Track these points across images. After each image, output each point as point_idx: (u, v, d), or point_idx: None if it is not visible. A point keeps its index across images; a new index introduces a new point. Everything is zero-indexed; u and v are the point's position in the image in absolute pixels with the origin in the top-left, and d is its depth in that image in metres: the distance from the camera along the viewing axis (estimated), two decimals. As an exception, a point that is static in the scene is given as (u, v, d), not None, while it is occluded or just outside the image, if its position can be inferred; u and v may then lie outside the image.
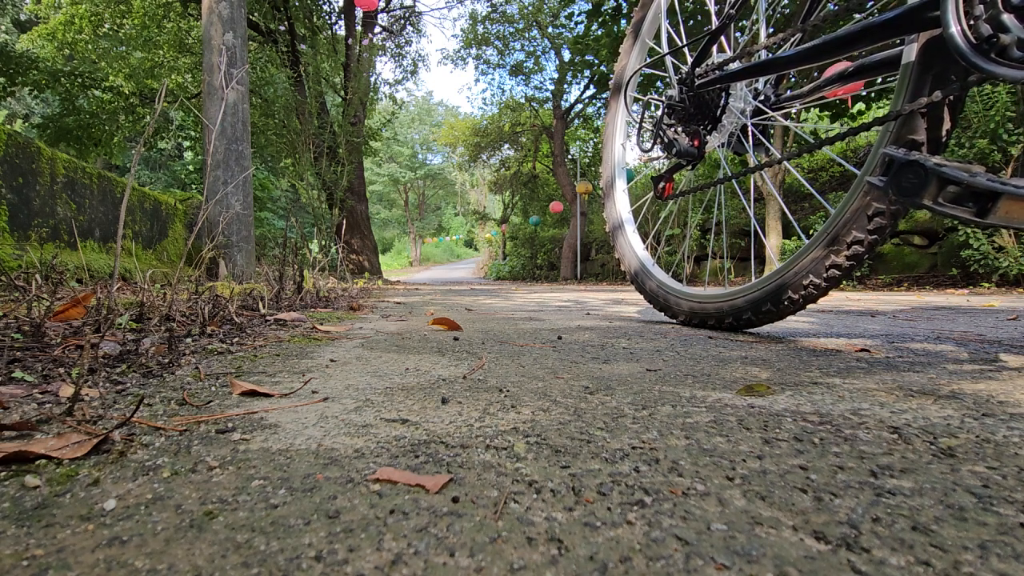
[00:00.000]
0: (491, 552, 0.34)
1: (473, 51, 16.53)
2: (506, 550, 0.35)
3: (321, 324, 1.71)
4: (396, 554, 0.34)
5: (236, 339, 1.30)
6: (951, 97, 1.02)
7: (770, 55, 1.40)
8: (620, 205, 2.18)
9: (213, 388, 0.79)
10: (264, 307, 1.92)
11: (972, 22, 0.81)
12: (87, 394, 0.71)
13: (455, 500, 0.42)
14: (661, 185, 1.83)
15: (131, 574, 0.31)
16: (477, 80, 38.58)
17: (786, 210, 1.90)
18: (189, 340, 1.22)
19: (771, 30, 1.58)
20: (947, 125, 1.08)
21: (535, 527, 0.38)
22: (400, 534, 0.36)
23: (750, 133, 1.58)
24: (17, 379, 0.77)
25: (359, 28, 11.88)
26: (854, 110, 7.26)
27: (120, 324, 1.21)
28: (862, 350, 1.20)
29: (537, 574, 0.32)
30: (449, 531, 0.37)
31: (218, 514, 0.39)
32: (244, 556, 0.34)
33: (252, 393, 0.76)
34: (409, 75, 15.05)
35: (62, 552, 0.34)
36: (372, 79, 12.09)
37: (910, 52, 1.08)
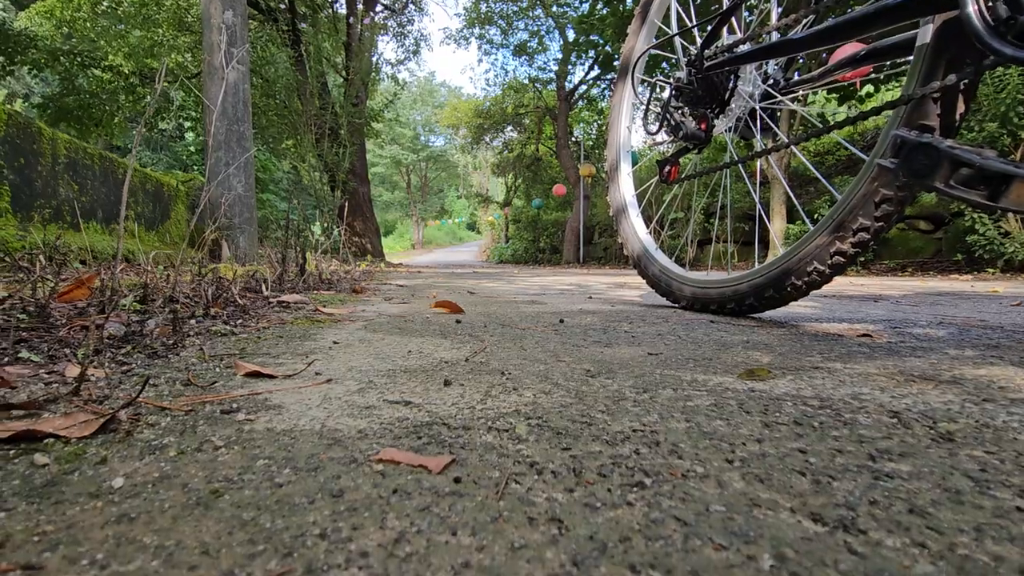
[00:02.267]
0: (492, 531, 0.35)
1: (476, 30, 16.28)
2: (507, 529, 0.35)
3: (324, 306, 1.72)
4: (399, 532, 0.34)
5: (240, 321, 1.31)
6: (965, 81, 1.00)
7: (781, 37, 1.38)
8: (624, 188, 2.17)
9: (217, 369, 0.80)
10: (267, 289, 1.92)
11: (990, 3, 0.79)
12: (93, 374, 0.72)
13: (457, 480, 0.42)
14: (667, 169, 1.81)
15: (140, 550, 0.32)
16: (480, 60, 38.09)
17: (791, 194, 1.89)
18: (193, 322, 1.22)
19: (781, 11, 1.54)
20: (960, 110, 1.06)
21: (536, 507, 0.38)
22: (403, 513, 0.37)
23: (758, 117, 1.56)
24: (24, 359, 0.77)
25: (360, 7, 11.69)
26: (862, 92, 7.16)
27: (124, 305, 1.21)
28: (864, 335, 1.20)
29: (538, 553, 0.32)
30: (451, 511, 0.38)
31: (224, 492, 0.40)
32: (250, 533, 0.34)
33: (256, 374, 0.76)
34: (411, 55, 14.84)
35: (72, 528, 0.34)
36: (374, 59, 11.94)
37: (925, 34, 1.06)
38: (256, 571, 0.30)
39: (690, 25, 1.68)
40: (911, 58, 1.10)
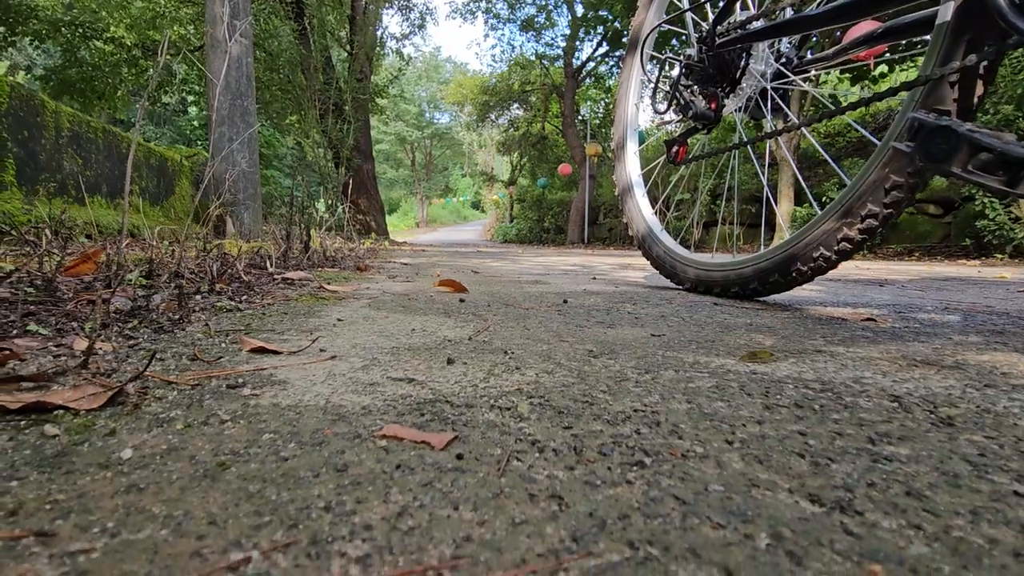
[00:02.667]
0: (494, 507, 0.35)
1: (482, 4, 15.93)
2: (508, 505, 0.36)
3: (328, 283, 1.72)
4: (402, 506, 0.35)
5: (244, 297, 1.31)
6: (986, 62, 0.97)
7: (795, 14, 1.34)
8: (631, 168, 2.14)
9: (223, 344, 0.81)
10: (272, 266, 1.93)
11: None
12: (101, 348, 0.73)
13: (459, 457, 0.43)
14: (674, 149, 1.79)
15: (149, 519, 0.33)
16: (486, 35, 37.44)
17: (799, 176, 1.86)
18: (198, 297, 1.23)
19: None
20: (979, 92, 1.03)
21: (537, 484, 0.39)
22: (406, 488, 0.38)
23: (769, 97, 1.53)
24: (32, 332, 0.78)
25: (365, -22, 11.42)
26: (876, 72, 7.00)
27: (130, 280, 1.22)
28: (868, 319, 1.20)
29: (538, 528, 0.33)
30: (453, 486, 0.38)
31: (230, 465, 0.41)
32: (256, 505, 0.35)
33: (261, 350, 0.77)
34: (416, 29, 14.55)
35: (83, 497, 0.35)
36: (379, 33, 11.73)
37: (945, 12, 1.03)
38: (262, 541, 0.31)
39: (702, 0, 1.64)
40: (929, 37, 1.08)
